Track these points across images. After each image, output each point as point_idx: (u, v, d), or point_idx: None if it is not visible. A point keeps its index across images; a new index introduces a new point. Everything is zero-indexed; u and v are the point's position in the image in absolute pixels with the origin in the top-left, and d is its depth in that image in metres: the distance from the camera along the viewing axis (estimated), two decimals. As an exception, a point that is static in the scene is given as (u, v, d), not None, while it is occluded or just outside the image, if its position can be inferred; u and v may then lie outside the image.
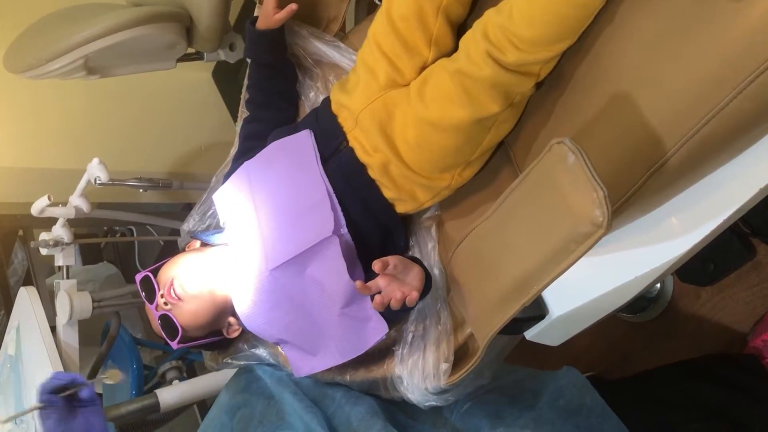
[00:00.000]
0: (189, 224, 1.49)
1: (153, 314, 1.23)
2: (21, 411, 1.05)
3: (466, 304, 0.95)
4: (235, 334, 1.33)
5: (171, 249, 2.34)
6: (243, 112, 1.44)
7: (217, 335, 1.28)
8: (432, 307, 1.10)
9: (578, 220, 0.71)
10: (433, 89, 1.01)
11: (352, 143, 1.12)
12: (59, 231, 1.62)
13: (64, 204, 1.58)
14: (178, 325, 1.20)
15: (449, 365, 1.03)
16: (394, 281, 0.97)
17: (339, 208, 1.11)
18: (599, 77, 0.92)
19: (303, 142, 1.16)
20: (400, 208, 1.14)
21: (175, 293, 1.19)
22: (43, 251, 1.63)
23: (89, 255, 2.85)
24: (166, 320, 1.22)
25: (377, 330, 1.08)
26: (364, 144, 1.11)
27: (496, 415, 1.14)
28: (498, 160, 1.09)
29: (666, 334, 1.59)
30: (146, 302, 1.24)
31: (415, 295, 0.96)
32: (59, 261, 1.64)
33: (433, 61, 1.06)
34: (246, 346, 1.37)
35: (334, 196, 1.11)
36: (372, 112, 1.08)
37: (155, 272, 1.24)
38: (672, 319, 1.58)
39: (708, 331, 1.51)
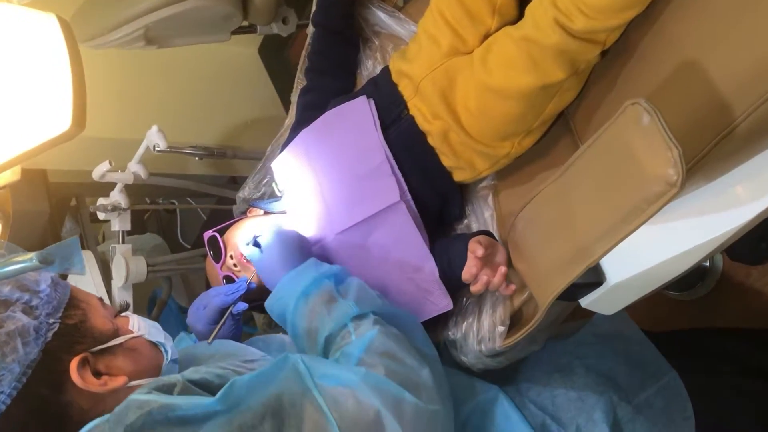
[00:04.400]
0: (244, 192, 1.53)
1: (218, 273, 1.27)
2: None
3: (527, 267, 0.97)
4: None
5: (214, 221, 2.38)
6: (300, 81, 1.47)
7: None
8: (488, 273, 1.12)
9: (651, 180, 0.72)
10: (498, 56, 1.02)
11: (413, 111, 1.14)
12: (117, 196, 1.66)
13: (122, 170, 1.63)
14: None
15: (505, 328, 1.05)
16: (486, 264, 1.01)
17: (399, 174, 1.13)
18: (666, 45, 0.92)
19: (360, 108, 1.18)
20: (458, 177, 1.16)
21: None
22: (101, 215, 1.68)
23: (134, 227, 2.91)
24: (231, 280, 1.25)
25: (440, 305, 1.11)
26: (425, 112, 1.13)
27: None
28: (557, 130, 1.11)
29: (712, 313, 1.59)
30: (212, 261, 1.27)
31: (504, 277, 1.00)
32: (116, 226, 1.69)
33: (497, 30, 1.07)
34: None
35: (393, 161, 1.14)
36: (434, 80, 1.10)
37: (221, 233, 1.28)
38: (719, 298, 1.58)
39: (757, 311, 1.51)
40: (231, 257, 1.24)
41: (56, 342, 0.83)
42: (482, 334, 1.08)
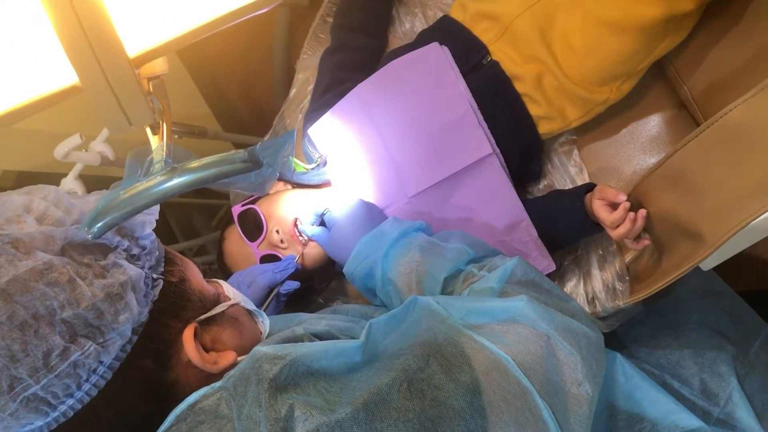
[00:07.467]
0: (250, 168, 1.33)
1: (252, 253, 1.08)
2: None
3: (693, 202, 0.87)
4: (325, 284, 1.20)
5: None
6: (312, 46, 1.31)
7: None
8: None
9: None
10: None
11: (497, 56, 1.04)
12: (71, 184, 1.39)
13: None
14: None
15: (626, 284, 0.96)
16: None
17: (486, 125, 1.02)
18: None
19: (433, 55, 1.06)
20: (544, 128, 1.06)
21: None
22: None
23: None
24: (272, 260, 1.07)
25: (540, 267, 1.01)
26: (513, 55, 1.03)
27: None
28: (648, 79, 1.04)
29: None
30: (246, 240, 1.08)
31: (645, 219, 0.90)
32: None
33: None
34: (321, 300, 1.23)
35: (478, 111, 1.02)
36: (531, 18, 1.00)
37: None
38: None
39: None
40: (278, 232, 1.06)
41: (161, 304, 0.63)
42: (594, 294, 0.98)
